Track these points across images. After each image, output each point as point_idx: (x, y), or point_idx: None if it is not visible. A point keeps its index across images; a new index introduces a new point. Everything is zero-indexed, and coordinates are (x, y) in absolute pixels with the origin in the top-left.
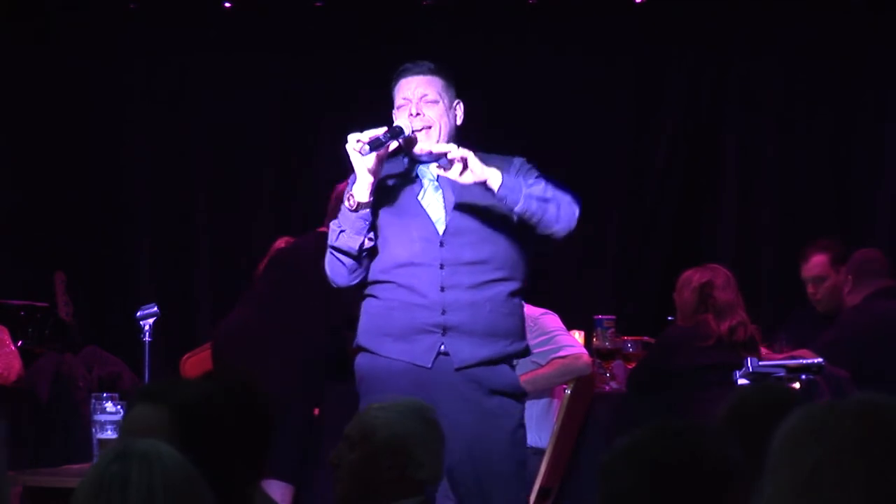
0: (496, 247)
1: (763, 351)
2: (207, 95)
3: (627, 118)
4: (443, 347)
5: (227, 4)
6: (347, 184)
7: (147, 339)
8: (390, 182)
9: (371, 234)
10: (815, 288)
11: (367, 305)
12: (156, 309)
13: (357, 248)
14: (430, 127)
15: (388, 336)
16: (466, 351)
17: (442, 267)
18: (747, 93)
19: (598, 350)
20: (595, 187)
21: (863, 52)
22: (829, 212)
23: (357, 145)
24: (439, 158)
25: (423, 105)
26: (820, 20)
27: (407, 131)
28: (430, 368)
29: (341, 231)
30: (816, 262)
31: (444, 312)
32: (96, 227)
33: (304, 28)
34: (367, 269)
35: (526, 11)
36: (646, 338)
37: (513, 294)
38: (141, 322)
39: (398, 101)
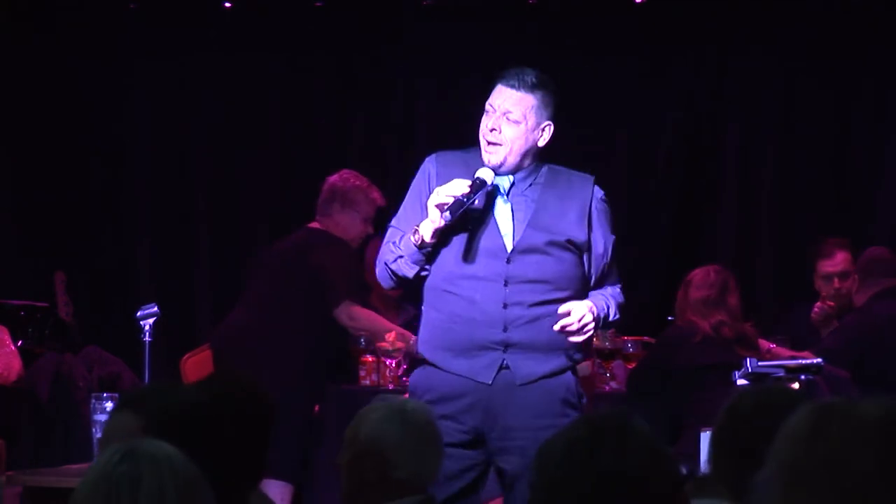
0: (561, 266)
1: (769, 345)
2: (207, 95)
3: (628, 118)
4: (504, 363)
5: (227, 4)
6: (341, 177)
7: (147, 339)
8: None
9: (428, 267)
10: (841, 283)
11: (427, 317)
12: (156, 309)
13: (412, 276)
14: (500, 145)
15: (450, 351)
16: (529, 367)
17: (506, 284)
18: (747, 93)
19: (598, 350)
20: None
21: (863, 52)
22: (829, 212)
23: (445, 200)
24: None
25: (502, 121)
26: (820, 20)
27: (489, 181)
28: (490, 385)
29: (399, 256)
30: (843, 258)
31: (505, 329)
32: (96, 227)
33: (304, 28)
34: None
35: (526, 11)
36: (646, 338)
37: None
38: (141, 322)
39: (487, 104)
